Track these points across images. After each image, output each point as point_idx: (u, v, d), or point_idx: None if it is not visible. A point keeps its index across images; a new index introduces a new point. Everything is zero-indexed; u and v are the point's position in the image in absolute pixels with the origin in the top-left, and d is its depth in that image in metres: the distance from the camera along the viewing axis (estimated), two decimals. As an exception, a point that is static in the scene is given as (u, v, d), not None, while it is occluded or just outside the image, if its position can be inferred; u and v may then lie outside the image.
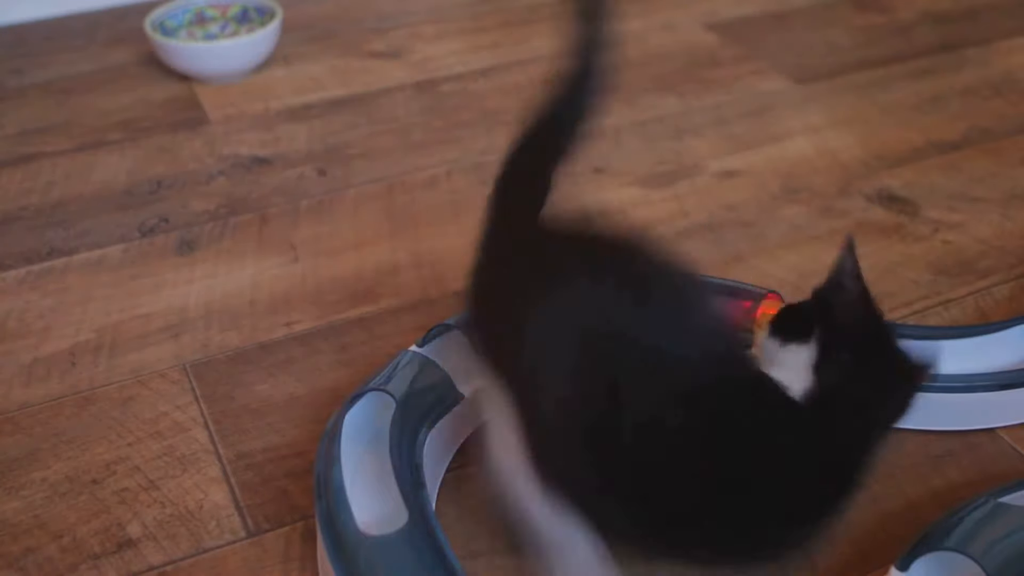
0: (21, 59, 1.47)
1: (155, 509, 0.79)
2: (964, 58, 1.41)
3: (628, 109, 1.30)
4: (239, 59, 1.37)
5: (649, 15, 1.54)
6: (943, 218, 1.09)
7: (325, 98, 1.35)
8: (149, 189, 1.17)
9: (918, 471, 0.80)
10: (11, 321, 0.98)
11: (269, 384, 0.90)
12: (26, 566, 0.75)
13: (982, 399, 0.82)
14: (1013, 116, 1.27)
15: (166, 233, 1.10)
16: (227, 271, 1.04)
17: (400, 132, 1.27)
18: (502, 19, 1.55)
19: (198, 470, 0.82)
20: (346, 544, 0.68)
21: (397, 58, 1.44)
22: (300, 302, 0.99)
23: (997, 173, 1.16)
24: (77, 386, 0.90)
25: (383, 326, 0.96)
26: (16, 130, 1.29)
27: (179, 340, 0.95)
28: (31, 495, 0.80)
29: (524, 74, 1.39)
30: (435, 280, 1.02)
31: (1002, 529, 0.69)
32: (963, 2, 1.57)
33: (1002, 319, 0.91)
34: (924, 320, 0.95)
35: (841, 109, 1.29)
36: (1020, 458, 0.81)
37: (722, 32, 1.49)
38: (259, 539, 0.76)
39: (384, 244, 1.07)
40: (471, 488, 0.80)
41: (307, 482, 0.80)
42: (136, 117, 1.31)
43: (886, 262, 1.02)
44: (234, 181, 1.18)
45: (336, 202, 1.14)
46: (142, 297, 1.01)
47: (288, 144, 1.25)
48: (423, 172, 1.19)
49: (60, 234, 1.10)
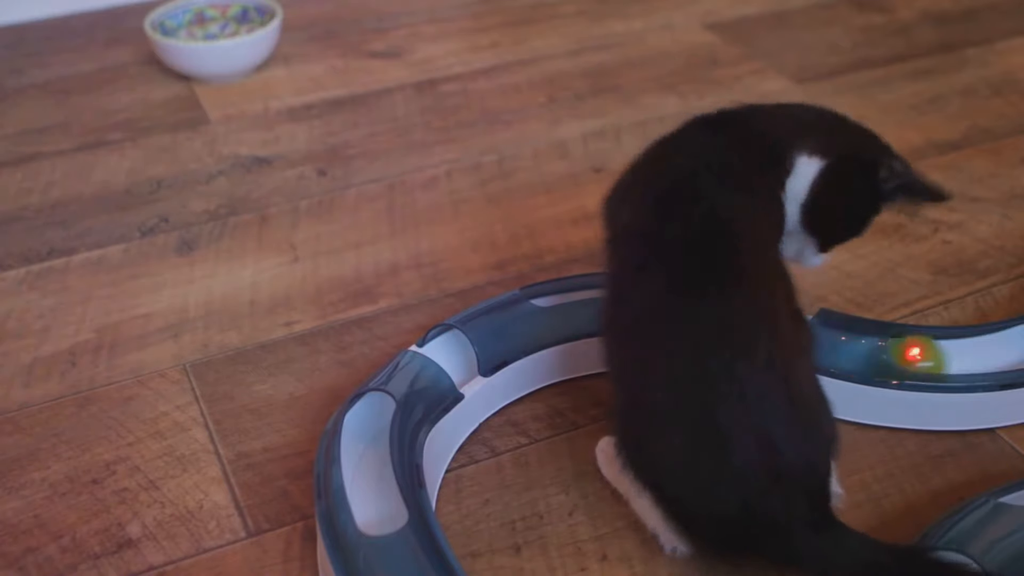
0: (21, 59, 1.47)
1: (155, 509, 0.79)
2: (964, 58, 1.41)
3: (628, 109, 1.30)
4: (239, 59, 1.37)
5: (649, 15, 1.54)
6: (943, 218, 1.09)
7: (325, 98, 1.35)
8: (149, 189, 1.17)
9: (918, 471, 0.80)
10: (11, 321, 0.98)
11: (269, 384, 0.90)
12: (26, 566, 0.75)
13: (982, 399, 0.82)
14: (1013, 116, 1.27)
15: (166, 233, 1.10)
16: (227, 271, 1.04)
17: (400, 132, 1.27)
18: (502, 19, 1.55)
19: (198, 470, 0.82)
20: (346, 544, 0.68)
21: (397, 58, 1.44)
22: (300, 302, 0.99)
23: (997, 173, 1.16)
24: (77, 386, 0.90)
25: (383, 326, 0.96)
26: (16, 130, 1.29)
27: (179, 340, 0.95)
28: (31, 495, 0.80)
29: (524, 74, 1.39)
30: (435, 280, 1.02)
31: (1002, 529, 0.69)
32: (963, 2, 1.57)
33: (1002, 319, 0.91)
34: (924, 320, 0.95)
35: (841, 109, 1.28)
36: (1020, 458, 0.81)
37: (722, 32, 1.49)
38: (259, 539, 0.76)
39: (384, 244, 1.07)
40: (471, 488, 0.80)
41: (307, 482, 0.80)
42: (136, 117, 1.31)
43: (886, 262, 1.02)
44: (234, 181, 1.18)
45: (336, 202, 1.14)
46: (142, 297, 1.01)
47: (288, 144, 1.25)
48: (423, 172, 1.19)
49: (60, 234, 1.10)
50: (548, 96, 1.33)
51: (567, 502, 0.78)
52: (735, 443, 0.65)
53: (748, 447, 0.65)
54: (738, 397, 0.65)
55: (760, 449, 0.65)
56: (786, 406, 0.66)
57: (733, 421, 0.65)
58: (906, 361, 0.84)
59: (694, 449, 0.66)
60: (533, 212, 1.11)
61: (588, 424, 0.84)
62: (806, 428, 0.67)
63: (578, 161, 1.20)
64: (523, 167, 1.19)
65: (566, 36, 1.49)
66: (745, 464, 0.65)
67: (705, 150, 0.76)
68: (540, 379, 0.87)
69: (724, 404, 0.65)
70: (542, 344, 0.86)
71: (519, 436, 0.84)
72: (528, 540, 0.75)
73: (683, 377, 0.67)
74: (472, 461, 0.82)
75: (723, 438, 0.65)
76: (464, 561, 0.73)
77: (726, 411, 0.65)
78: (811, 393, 0.69)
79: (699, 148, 0.76)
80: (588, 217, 1.10)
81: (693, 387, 0.66)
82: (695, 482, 0.67)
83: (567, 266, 1.03)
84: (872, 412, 0.83)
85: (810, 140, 0.76)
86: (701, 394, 0.66)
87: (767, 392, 0.65)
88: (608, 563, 0.73)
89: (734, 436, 0.65)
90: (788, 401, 0.66)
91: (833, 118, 0.80)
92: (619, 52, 1.44)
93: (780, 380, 0.66)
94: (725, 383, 0.65)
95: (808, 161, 0.76)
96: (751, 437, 0.65)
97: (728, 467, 0.65)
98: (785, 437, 0.65)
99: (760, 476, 0.65)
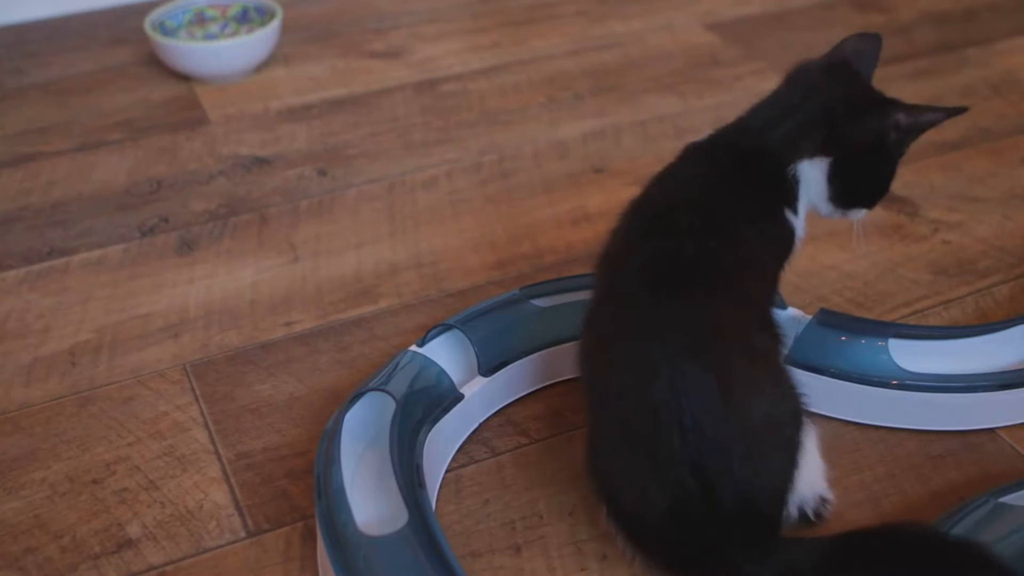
0: (21, 59, 1.47)
1: (155, 509, 0.79)
2: (964, 58, 1.41)
3: (628, 109, 1.30)
4: (239, 59, 1.37)
5: (649, 15, 1.54)
6: (943, 218, 1.09)
7: (325, 98, 1.35)
8: (149, 189, 1.17)
9: (918, 471, 0.80)
10: (11, 321, 0.98)
11: (269, 384, 0.90)
12: (26, 566, 0.75)
13: (982, 399, 0.82)
14: (1013, 116, 1.27)
15: (166, 233, 1.10)
16: (227, 271, 1.04)
17: (400, 132, 1.27)
18: (502, 19, 1.55)
19: (198, 470, 0.82)
20: (346, 544, 0.68)
21: (397, 58, 1.44)
22: (300, 302, 0.99)
23: (997, 173, 1.16)
24: (77, 386, 0.90)
25: (383, 326, 0.96)
26: (16, 130, 1.29)
27: (179, 340, 0.95)
28: (31, 495, 0.80)
29: (524, 74, 1.39)
30: (435, 280, 1.02)
31: (1002, 529, 0.69)
32: (963, 2, 1.57)
33: (1002, 319, 0.91)
34: (924, 320, 0.95)
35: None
36: (1020, 458, 0.81)
37: (722, 32, 1.49)
38: (259, 539, 0.76)
39: (384, 244, 1.07)
40: (471, 488, 0.80)
41: (307, 482, 0.80)
42: (136, 117, 1.31)
43: (886, 262, 1.02)
44: (234, 181, 1.18)
45: (336, 202, 1.14)
46: (142, 297, 1.01)
47: (288, 144, 1.25)
48: (423, 172, 1.19)
49: (60, 234, 1.10)
50: (548, 96, 1.33)
51: (567, 502, 0.78)
52: (669, 474, 0.65)
53: (682, 478, 0.65)
54: (677, 428, 0.64)
55: (695, 480, 0.64)
56: (724, 439, 0.64)
57: (670, 452, 0.65)
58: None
59: (637, 476, 0.67)
60: (533, 212, 1.11)
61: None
62: (744, 462, 0.65)
63: (578, 161, 1.20)
64: (523, 167, 1.19)
65: (566, 36, 1.49)
66: (679, 498, 0.65)
67: (686, 185, 0.75)
68: (540, 379, 0.87)
69: (664, 434, 0.65)
70: (542, 344, 0.86)
71: (519, 436, 0.84)
72: (528, 540, 0.75)
73: (628, 401, 0.67)
74: (472, 461, 0.82)
75: (660, 468, 0.65)
76: (464, 561, 0.73)
77: (664, 442, 0.65)
78: (763, 425, 0.66)
79: (681, 183, 0.76)
80: (588, 217, 1.10)
81: (636, 413, 0.66)
82: (640, 505, 0.68)
83: (567, 266, 1.03)
84: (872, 412, 0.83)
85: (806, 144, 0.75)
86: (644, 422, 0.66)
87: (706, 423, 0.64)
88: (608, 563, 0.73)
89: (670, 469, 0.65)
90: (727, 434, 0.64)
91: (823, 93, 0.77)
92: (619, 52, 1.44)
93: (720, 411, 0.64)
94: (665, 412, 0.64)
95: (811, 163, 0.75)
96: (686, 468, 0.64)
97: (665, 499, 0.66)
98: (720, 471, 0.64)
99: (695, 508, 0.65)
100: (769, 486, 0.67)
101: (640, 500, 0.68)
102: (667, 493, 0.66)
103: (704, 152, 0.78)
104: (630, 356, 0.67)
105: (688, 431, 0.64)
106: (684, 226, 0.70)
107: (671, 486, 0.65)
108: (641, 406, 0.66)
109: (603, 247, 0.75)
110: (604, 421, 0.70)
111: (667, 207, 0.73)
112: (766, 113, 0.78)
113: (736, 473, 0.64)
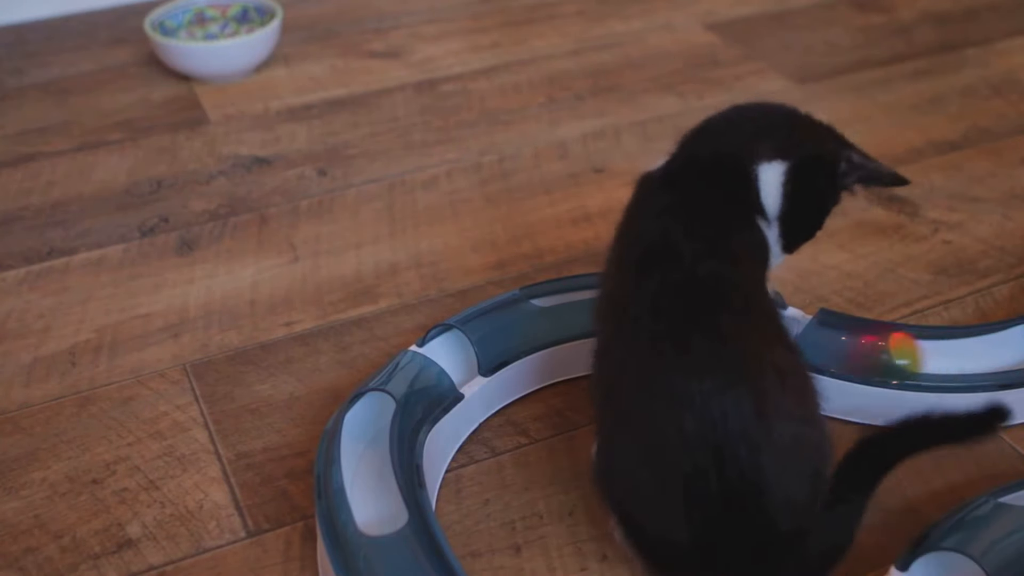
0: (21, 59, 1.47)
1: (155, 509, 0.79)
2: (964, 58, 1.41)
3: (628, 109, 1.30)
4: (239, 59, 1.37)
5: (649, 15, 1.54)
6: (943, 218, 1.09)
7: (325, 98, 1.35)
8: (149, 189, 1.17)
9: (918, 471, 0.80)
10: (11, 321, 0.98)
11: (269, 384, 0.90)
12: (26, 566, 0.75)
13: (982, 399, 0.82)
14: (1013, 116, 1.27)
15: (166, 233, 1.10)
16: (227, 271, 1.04)
17: (400, 132, 1.27)
18: (502, 19, 1.55)
19: (198, 470, 0.82)
20: (346, 544, 0.68)
21: (397, 58, 1.44)
22: (300, 302, 0.99)
23: (997, 173, 1.16)
24: (77, 386, 0.90)
25: (383, 326, 0.96)
26: (16, 130, 1.29)
27: (179, 340, 0.95)
28: (31, 495, 0.80)
29: (524, 74, 1.39)
30: (435, 280, 1.02)
31: (1002, 529, 0.69)
32: (963, 2, 1.57)
33: (1002, 319, 0.91)
34: (924, 320, 0.95)
35: (841, 109, 1.29)
36: (1020, 458, 0.81)
37: (722, 32, 1.49)
38: (259, 539, 0.76)
39: (384, 244, 1.07)
40: (471, 488, 0.80)
41: (307, 482, 0.80)
42: (136, 117, 1.31)
43: (886, 262, 1.02)
44: (234, 181, 1.18)
45: (336, 202, 1.14)
46: (142, 297, 1.01)
47: (288, 144, 1.25)
48: (423, 172, 1.19)
49: (60, 234, 1.10)
50: (548, 96, 1.33)
51: (567, 502, 0.78)
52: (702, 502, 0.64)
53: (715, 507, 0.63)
54: (692, 456, 0.63)
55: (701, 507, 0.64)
56: (759, 467, 0.63)
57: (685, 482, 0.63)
58: (891, 343, 0.84)
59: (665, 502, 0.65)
60: (533, 212, 1.11)
61: (588, 424, 0.84)
62: (756, 492, 0.63)
63: (578, 161, 1.20)
64: (523, 167, 1.19)
65: (566, 36, 1.49)
66: (693, 521, 0.64)
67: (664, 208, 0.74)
68: (540, 379, 0.87)
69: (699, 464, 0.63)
70: (542, 344, 0.86)
71: (519, 436, 0.84)
72: (528, 540, 0.75)
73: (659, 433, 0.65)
74: (472, 461, 0.82)
75: (674, 498, 0.64)
76: (464, 561, 0.73)
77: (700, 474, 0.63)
78: (783, 451, 0.64)
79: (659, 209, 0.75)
80: (588, 217, 1.10)
81: (668, 443, 0.64)
82: (653, 524, 0.67)
83: (567, 266, 1.03)
84: (872, 412, 0.83)
85: (766, 145, 0.75)
86: (675, 451, 0.64)
87: (741, 452, 0.63)
88: (608, 563, 0.73)
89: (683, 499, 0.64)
90: (761, 463, 0.63)
91: (783, 117, 0.78)
92: (619, 52, 1.44)
93: (756, 438, 0.63)
94: (699, 442, 0.63)
95: (769, 166, 0.75)
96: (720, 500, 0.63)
97: (678, 526, 0.64)
98: (755, 499, 0.63)
99: (704, 536, 0.64)
100: (798, 513, 0.65)
101: (667, 526, 0.66)
102: (698, 521, 0.64)
103: (667, 177, 0.77)
104: (657, 388, 0.65)
105: (726, 461, 0.62)
106: (685, 252, 0.69)
107: (703, 514, 0.64)
108: (673, 436, 0.64)
109: (600, 290, 0.74)
110: (630, 452, 0.68)
111: (658, 238, 0.72)
112: (721, 127, 0.79)
113: (771, 498, 0.63)
